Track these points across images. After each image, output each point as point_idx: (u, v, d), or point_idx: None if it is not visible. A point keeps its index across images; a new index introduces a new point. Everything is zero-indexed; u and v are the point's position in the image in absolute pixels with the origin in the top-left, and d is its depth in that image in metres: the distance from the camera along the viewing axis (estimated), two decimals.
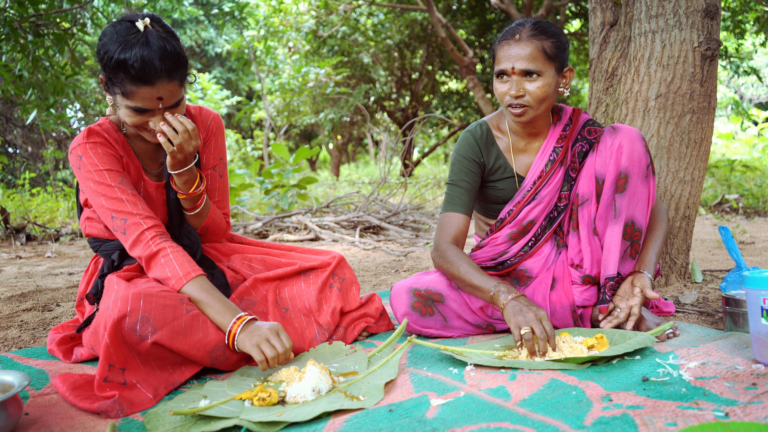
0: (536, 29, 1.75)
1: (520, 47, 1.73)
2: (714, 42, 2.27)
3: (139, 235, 1.57)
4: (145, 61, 1.46)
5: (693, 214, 2.41)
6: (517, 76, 1.74)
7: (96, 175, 1.60)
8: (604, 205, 1.78)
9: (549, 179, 1.86)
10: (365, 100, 11.51)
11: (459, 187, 1.89)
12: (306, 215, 5.24)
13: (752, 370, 1.35)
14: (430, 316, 1.84)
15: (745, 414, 1.10)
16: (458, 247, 1.84)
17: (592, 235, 1.81)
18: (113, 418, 1.29)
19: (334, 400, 1.29)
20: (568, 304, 1.81)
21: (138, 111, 1.53)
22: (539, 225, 1.89)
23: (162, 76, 1.49)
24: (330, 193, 8.26)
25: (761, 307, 1.39)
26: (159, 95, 1.51)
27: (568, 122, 1.89)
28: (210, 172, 1.84)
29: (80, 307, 1.82)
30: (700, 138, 2.34)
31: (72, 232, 5.19)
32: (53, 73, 4.54)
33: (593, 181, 1.80)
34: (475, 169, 1.90)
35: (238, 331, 1.48)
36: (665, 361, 1.45)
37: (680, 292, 2.32)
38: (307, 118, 11.41)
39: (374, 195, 5.58)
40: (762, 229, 4.92)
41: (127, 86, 1.49)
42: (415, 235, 4.78)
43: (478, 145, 1.91)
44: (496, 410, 1.20)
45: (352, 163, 20.01)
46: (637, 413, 1.13)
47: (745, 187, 7.19)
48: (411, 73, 12.48)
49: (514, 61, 1.73)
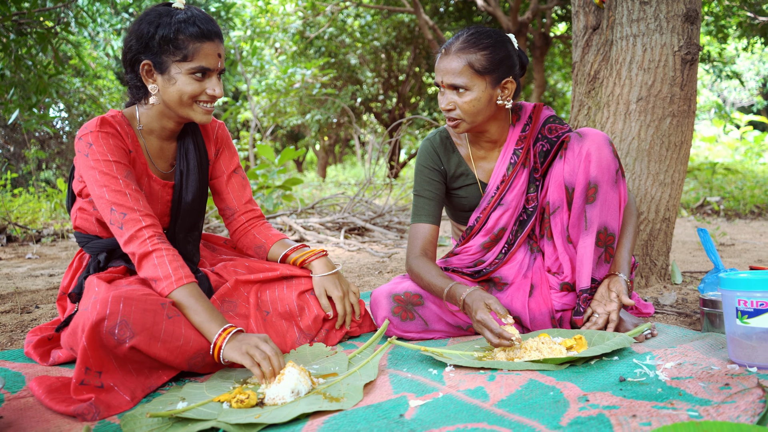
0: (468, 42, 1.73)
1: (447, 61, 1.73)
2: (694, 46, 2.30)
3: (136, 231, 1.55)
4: (204, 19, 1.60)
5: (673, 216, 2.43)
6: (446, 89, 1.75)
7: (104, 165, 1.59)
8: (576, 214, 1.78)
9: (512, 183, 1.85)
10: (352, 102, 11.52)
11: (423, 198, 1.90)
12: (291, 216, 5.23)
13: (727, 370, 1.37)
14: (411, 321, 1.84)
15: (718, 414, 1.11)
16: (428, 257, 1.86)
17: (566, 243, 1.81)
18: (89, 421, 1.28)
19: (313, 402, 1.28)
20: (547, 310, 1.82)
21: (201, 72, 1.60)
22: (510, 231, 1.89)
23: (218, 33, 1.63)
24: (316, 195, 8.25)
25: (736, 308, 1.41)
26: (218, 52, 1.62)
27: (527, 121, 1.88)
28: (232, 176, 1.92)
29: (62, 301, 1.81)
30: (680, 141, 2.36)
31: (54, 233, 5.14)
32: (36, 72, 4.49)
33: (563, 190, 1.80)
34: (436, 177, 1.90)
35: (224, 344, 1.46)
36: (642, 362, 1.47)
37: (660, 293, 2.34)
38: (293, 119, 11.38)
39: (359, 196, 5.58)
40: (742, 231, 4.99)
41: (190, 47, 1.58)
42: (399, 236, 4.78)
43: (437, 152, 1.91)
44: (474, 411, 1.21)
45: (339, 164, 19.99)
46: (612, 413, 1.14)
47: (726, 189, 7.27)
48: (398, 74, 12.50)
49: (442, 75, 1.74)
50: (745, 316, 1.39)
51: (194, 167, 1.80)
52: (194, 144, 1.82)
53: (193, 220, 1.84)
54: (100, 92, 9.16)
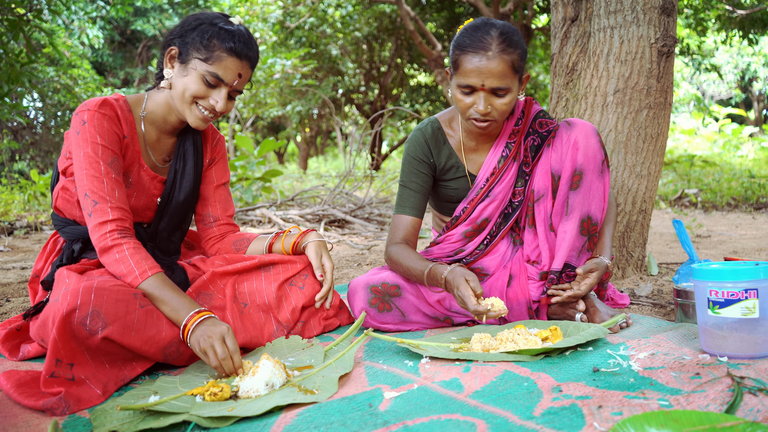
0: (505, 42, 1.65)
1: (492, 63, 1.63)
2: (670, 38, 2.32)
3: (100, 223, 1.54)
4: (243, 39, 1.64)
5: (649, 208, 2.46)
6: (486, 92, 1.68)
7: (90, 147, 1.58)
8: (560, 201, 1.79)
9: (502, 176, 1.86)
10: (333, 93, 11.46)
11: (409, 189, 1.90)
12: (270, 208, 5.21)
13: (698, 360, 1.39)
14: (388, 312, 1.84)
15: (687, 403, 1.13)
16: (408, 245, 1.87)
17: (548, 231, 1.83)
18: (59, 415, 1.26)
19: (287, 394, 1.28)
20: (524, 300, 1.83)
21: (214, 78, 1.62)
22: (494, 222, 1.90)
23: (250, 58, 1.67)
24: (296, 186, 8.21)
25: (708, 298, 1.43)
26: (240, 72, 1.65)
27: (520, 116, 1.88)
28: (221, 187, 1.93)
29: (33, 284, 1.80)
30: (657, 133, 2.39)
31: (27, 226, 5.06)
32: (8, 60, 4.40)
33: (549, 177, 1.81)
34: (424, 170, 1.90)
35: (191, 329, 1.45)
36: (616, 352, 1.48)
37: (636, 284, 2.37)
38: (274, 111, 11.30)
39: (340, 188, 5.57)
40: (719, 223, 5.07)
41: (216, 53, 1.61)
42: (380, 228, 4.78)
43: (428, 144, 1.89)
44: (448, 402, 1.22)
45: (321, 156, 19.93)
46: (585, 403, 1.16)
47: (704, 182, 7.38)
48: (380, 65, 12.46)
49: (484, 78, 1.64)
50: (717, 306, 1.41)
51: (191, 168, 1.81)
52: (193, 145, 1.82)
53: (179, 221, 1.84)
54: (75, 82, 9.01)
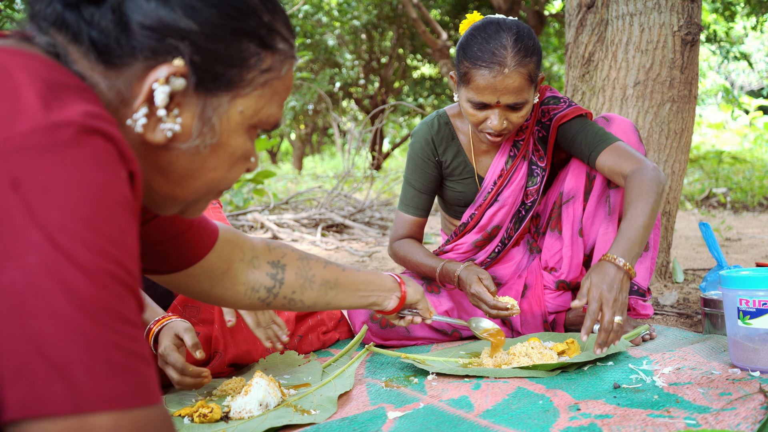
0: (521, 51, 1.61)
1: (508, 80, 1.61)
2: (695, 26, 2.32)
3: None
4: None
5: (674, 209, 2.47)
6: (501, 109, 1.66)
7: None
8: (594, 202, 1.78)
9: (511, 178, 1.85)
10: (330, 87, 11.48)
11: (412, 188, 1.91)
12: (263, 213, 5.22)
13: (728, 375, 1.39)
14: (391, 327, 1.84)
15: (716, 422, 1.13)
16: (414, 239, 1.94)
17: (576, 236, 1.81)
18: None
19: (283, 415, 1.29)
20: (539, 312, 1.83)
21: None
22: (505, 229, 1.90)
23: None
24: (291, 188, 8.23)
25: (738, 308, 1.43)
26: None
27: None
28: None
29: None
30: (681, 128, 2.39)
31: None
32: None
33: (583, 178, 1.79)
34: (429, 168, 1.90)
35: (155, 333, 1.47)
36: (638, 367, 1.49)
37: (660, 292, 2.38)
38: None
39: (338, 190, 5.58)
40: (749, 225, 5.07)
41: None
42: (381, 233, 4.79)
43: (434, 141, 1.89)
44: (457, 422, 1.22)
45: (317, 154, 19.95)
46: (605, 423, 1.16)
47: (733, 180, 7.38)
48: (380, 56, 12.48)
49: (500, 95, 1.62)
50: (747, 316, 1.41)
51: None
52: None
53: None
54: None
